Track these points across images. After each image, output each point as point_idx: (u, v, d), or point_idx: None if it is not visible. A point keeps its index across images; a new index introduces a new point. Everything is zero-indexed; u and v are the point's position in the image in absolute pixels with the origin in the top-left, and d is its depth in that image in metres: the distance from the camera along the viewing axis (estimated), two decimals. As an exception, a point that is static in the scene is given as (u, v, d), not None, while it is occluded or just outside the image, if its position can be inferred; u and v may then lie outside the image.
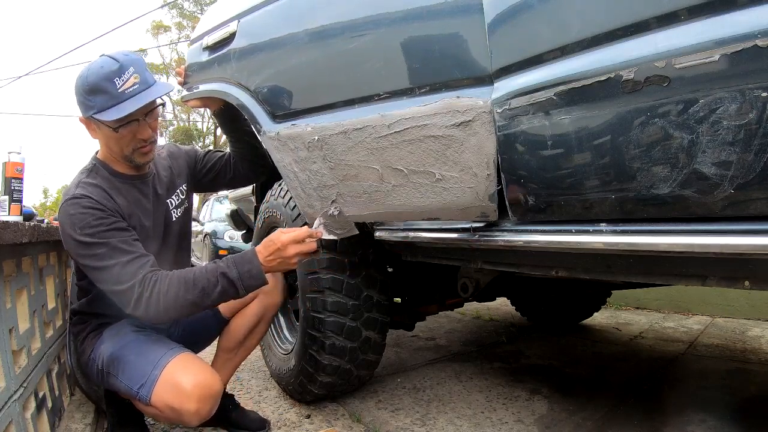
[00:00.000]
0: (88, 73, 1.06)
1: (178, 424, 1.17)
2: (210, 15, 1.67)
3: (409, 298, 1.79)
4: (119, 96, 1.05)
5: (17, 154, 1.54)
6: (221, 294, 1.07)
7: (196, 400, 1.04)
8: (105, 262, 1.03)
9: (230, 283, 1.07)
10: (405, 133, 0.98)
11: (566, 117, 0.74)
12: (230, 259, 1.10)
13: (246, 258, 1.10)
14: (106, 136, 1.13)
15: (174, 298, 1.03)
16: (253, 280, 1.09)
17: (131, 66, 1.07)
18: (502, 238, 0.93)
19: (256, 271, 1.09)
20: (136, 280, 1.02)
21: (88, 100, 1.06)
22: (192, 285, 1.04)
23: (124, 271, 1.03)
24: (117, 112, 1.04)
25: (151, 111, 1.14)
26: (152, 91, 1.09)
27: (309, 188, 1.26)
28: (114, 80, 1.04)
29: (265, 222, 1.76)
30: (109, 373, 1.13)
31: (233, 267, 1.08)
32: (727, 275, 0.69)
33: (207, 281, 1.05)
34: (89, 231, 1.04)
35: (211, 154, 1.51)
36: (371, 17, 1.04)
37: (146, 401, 1.07)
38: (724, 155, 0.59)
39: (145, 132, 1.13)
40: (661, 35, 0.62)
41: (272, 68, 1.31)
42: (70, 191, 1.09)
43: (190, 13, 19.76)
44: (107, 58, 1.07)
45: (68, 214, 1.05)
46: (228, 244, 5.72)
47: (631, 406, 1.51)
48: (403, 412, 1.53)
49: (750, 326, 2.56)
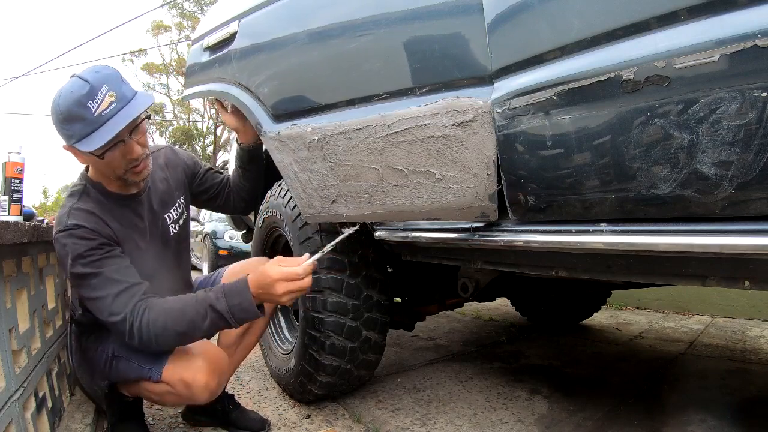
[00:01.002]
0: (60, 100, 0.98)
1: (187, 401, 1.17)
2: (211, 15, 1.67)
3: (409, 298, 1.79)
4: (96, 120, 0.97)
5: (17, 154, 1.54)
6: (212, 326, 1.03)
7: (207, 372, 1.09)
8: (98, 292, 1.02)
9: (220, 317, 1.02)
10: (405, 133, 0.98)
11: (566, 117, 0.74)
12: (221, 289, 1.05)
13: (237, 289, 1.04)
14: (94, 162, 1.08)
15: (162, 328, 1.00)
16: (244, 313, 1.03)
17: (104, 84, 0.98)
18: (502, 238, 0.93)
19: (247, 304, 1.03)
20: (127, 311, 1.00)
21: (66, 130, 1.00)
22: (180, 316, 1.01)
23: (115, 303, 1.01)
24: (98, 139, 0.97)
25: (137, 127, 1.06)
26: (132, 107, 1.02)
27: (310, 188, 1.26)
28: (87, 104, 0.96)
29: (265, 222, 1.76)
30: (120, 357, 1.14)
31: (222, 299, 1.02)
32: (727, 275, 0.69)
33: (196, 313, 1.02)
34: (82, 261, 1.01)
35: (211, 175, 1.46)
36: (371, 18, 1.04)
37: (158, 378, 1.10)
38: (724, 155, 0.59)
39: (133, 151, 1.06)
40: (661, 35, 0.62)
41: (272, 68, 1.31)
42: (62, 221, 1.05)
43: (190, 13, 19.76)
44: (77, 80, 0.99)
45: (62, 245, 1.03)
46: (228, 244, 5.72)
47: (631, 406, 1.51)
48: (403, 412, 1.53)
49: (750, 326, 2.56)
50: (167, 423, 1.47)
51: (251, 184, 1.51)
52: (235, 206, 1.52)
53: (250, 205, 1.55)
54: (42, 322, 1.25)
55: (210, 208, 1.56)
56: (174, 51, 20.48)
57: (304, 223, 1.48)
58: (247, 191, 1.51)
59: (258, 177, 1.52)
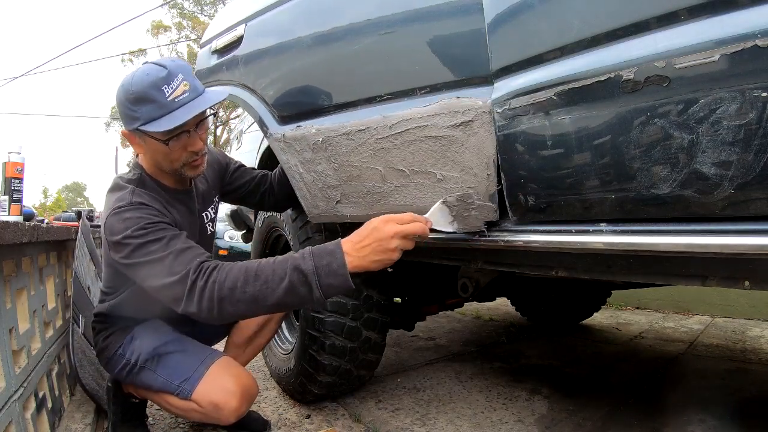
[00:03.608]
0: (132, 81, 0.97)
1: (211, 422, 1.17)
2: (218, 19, 1.68)
3: (409, 298, 1.79)
4: (169, 105, 0.96)
5: (17, 154, 1.55)
6: (288, 291, 0.85)
7: (240, 398, 1.10)
8: (158, 254, 0.92)
9: (302, 279, 0.85)
10: (406, 134, 0.99)
11: (566, 117, 0.74)
12: (308, 249, 0.90)
13: (327, 249, 0.88)
14: (154, 150, 1.04)
15: (231, 289, 0.86)
16: (332, 277, 0.85)
17: (180, 73, 0.98)
18: (502, 238, 0.92)
19: (337, 265, 0.85)
20: (191, 267, 0.89)
21: (133, 111, 0.97)
22: (254, 276, 0.87)
23: (177, 260, 0.91)
24: (168, 122, 0.95)
25: (202, 121, 1.05)
26: (204, 99, 1.01)
27: (314, 189, 1.27)
28: (162, 88, 0.95)
29: (265, 222, 1.76)
30: (144, 368, 1.13)
31: (309, 258, 0.87)
32: (727, 275, 0.69)
33: (272, 272, 0.86)
34: (142, 232, 0.95)
35: (243, 172, 1.40)
36: (372, 21, 1.04)
37: (187, 395, 1.10)
38: (724, 155, 0.59)
39: (196, 144, 1.04)
40: (661, 35, 0.62)
41: (277, 71, 1.32)
42: (124, 198, 1.01)
43: (190, 13, 19.77)
44: (153, 65, 0.99)
45: (123, 217, 0.97)
46: (228, 244, 5.72)
47: (631, 406, 1.51)
48: (403, 412, 1.53)
49: (750, 326, 2.56)
50: (167, 423, 1.47)
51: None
52: (273, 207, 1.47)
53: (290, 207, 1.49)
54: (42, 322, 1.25)
55: (245, 205, 1.49)
56: (174, 51, 20.51)
57: (304, 223, 1.48)
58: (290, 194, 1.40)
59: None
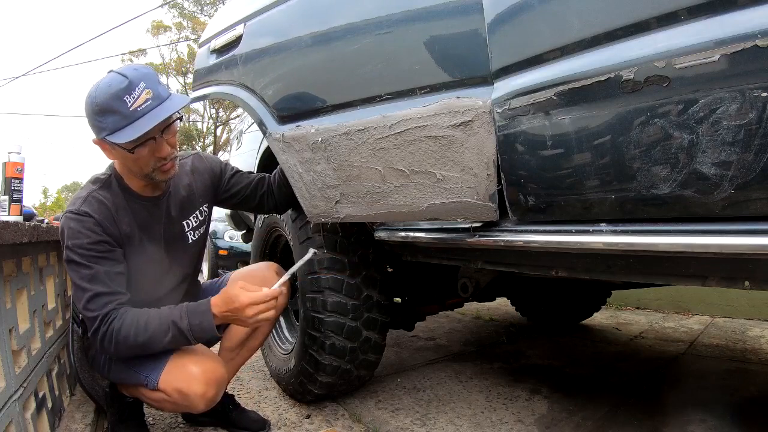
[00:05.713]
0: (96, 92, 1.01)
1: (185, 410, 1.18)
2: (217, 19, 1.67)
3: (409, 298, 1.79)
4: (131, 115, 1.00)
5: (17, 154, 1.54)
6: (172, 341, 1.06)
7: (203, 382, 1.10)
8: (83, 283, 1.04)
9: (180, 333, 1.06)
10: (406, 134, 0.98)
11: (566, 117, 0.74)
12: (184, 308, 1.08)
13: (199, 310, 1.08)
14: (123, 157, 1.09)
15: (124, 338, 1.03)
16: (203, 333, 1.07)
17: (141, 81, 1.01)
18: (502, 238, 0.93)
19: (207, 324, 1.07)
20: (101, 313, 1.03)
21: (99, 122, 1.01)
22: (143, 329, 1.04)
23: (94, 301, 1.04)
24: (131, 132, 1.00)
25: (168, 126, 1.08)
26: (167, 106, 1.04)
27: (314, 189, 1.26)
28: (124, 98, 0.99)
29: (265, 222, 1.76)
30: (117, 360, 1.14)
31: (185, 317, 1.06)
32: (727, 275, 0.69)
33: (158, 326, 1.05)
34: (80, 252, 1.04)
35: (240, 177, 1.41)
36: (372, 20, 1.04)
37: (154, 385, 1.10)
38: (724, 155, 0.60)
39: (163, 149, 1.08)
40: (661, 35, 0.62)
41: (276, 71, 1.31)
42: (77, 201, 1.08)
43: (190, 13, 19.76)
44: (115, 75, 1.02)
45: (69, 226, 1.06)
46: (228, 244, 5.71)
47: (631, 406, 1.51)
48: (403, 412, 1.53)
49: (750, 326, 2.56)
50: (167, 423, 1.47)
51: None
52: (273, 209, 1.48)
53: (290, 207, 1.51)
54: (42, 322, 1.25)
55: (246, 209, 1.50)
56: (174, 51, 20.50)
57: (304, 223, 1.48)
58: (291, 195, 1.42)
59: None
